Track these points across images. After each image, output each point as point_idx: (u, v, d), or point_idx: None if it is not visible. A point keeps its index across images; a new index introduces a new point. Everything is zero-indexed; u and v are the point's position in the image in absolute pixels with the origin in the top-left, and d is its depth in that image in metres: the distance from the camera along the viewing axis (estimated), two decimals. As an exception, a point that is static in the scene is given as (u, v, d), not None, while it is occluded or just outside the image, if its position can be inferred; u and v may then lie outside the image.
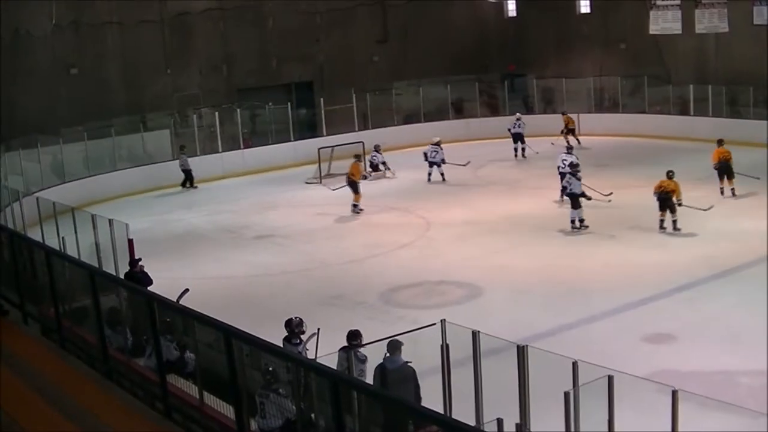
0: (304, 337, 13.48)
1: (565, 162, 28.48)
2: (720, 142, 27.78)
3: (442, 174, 32.73)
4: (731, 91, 36.37)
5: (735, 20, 35.29)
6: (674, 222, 23.80)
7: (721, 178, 27.28)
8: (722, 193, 27.14)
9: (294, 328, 13.46)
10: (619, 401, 9.59)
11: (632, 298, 18.63)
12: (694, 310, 17.91)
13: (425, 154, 32.98)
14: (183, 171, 34.57)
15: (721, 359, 15.10)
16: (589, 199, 24.73)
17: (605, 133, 37.99)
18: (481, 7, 47.08)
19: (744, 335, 16.18)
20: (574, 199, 24.66)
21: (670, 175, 23.95)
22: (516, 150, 36.79)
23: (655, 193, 23.85)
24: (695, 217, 24.22)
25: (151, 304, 10.11)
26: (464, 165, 33.31)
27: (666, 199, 23.82)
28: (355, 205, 28.37)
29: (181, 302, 13.88)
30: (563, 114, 38.47)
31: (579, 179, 24.85)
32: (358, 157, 29.92)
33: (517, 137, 36.67)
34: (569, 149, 29.45)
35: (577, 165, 25.82)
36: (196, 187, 34.30)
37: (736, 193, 27.05)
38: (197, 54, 40.97)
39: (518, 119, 36.95)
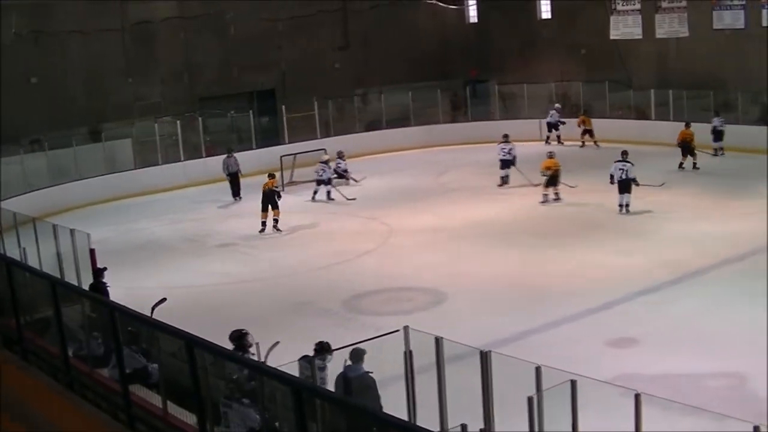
0: (261, 350, 12.95)
1: (504, 150, 30.56)
2: (687, 125, 31.68)
3: (329, 193, 31.50)
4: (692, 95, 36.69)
5: (695, 24, 35.59)
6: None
7: (684, 155, 31.21)
8: (681, 166, 31.15)
9: (233, 341, 12.68)
10: (582, 405, 9.60)
11: (596, 302, 18.70)
12: (658, 314, 17.98)
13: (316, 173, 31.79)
14: (228, 176, 33.13)
15: (685, 362, 15.15)
16: (638, 185, 25.81)
17: (567, 138, 38.14)
18: (443, 13, 47.07)
19: (708, 338, 16.30)
20: (628, 185, 25.61)
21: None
22: (548, 138, 38.73)
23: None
24: (657, 220, 24.96)
25: (113, 314, 10.06)
26: (357, 181, 33.14)
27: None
28: (275, 221, 27.20)
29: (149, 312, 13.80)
30: (582, 115, 38.86)
31: (633, 165, 25.90)
32: (272, 175, 28.46)
33: (553, 126, 38.64)
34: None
35: (626, 152, 26.72)
36: (240, 198, 32.64)
37: (698, 165, 31.27)
38: (159, 63, 40.91)
39: (556, 110, 39.06)
